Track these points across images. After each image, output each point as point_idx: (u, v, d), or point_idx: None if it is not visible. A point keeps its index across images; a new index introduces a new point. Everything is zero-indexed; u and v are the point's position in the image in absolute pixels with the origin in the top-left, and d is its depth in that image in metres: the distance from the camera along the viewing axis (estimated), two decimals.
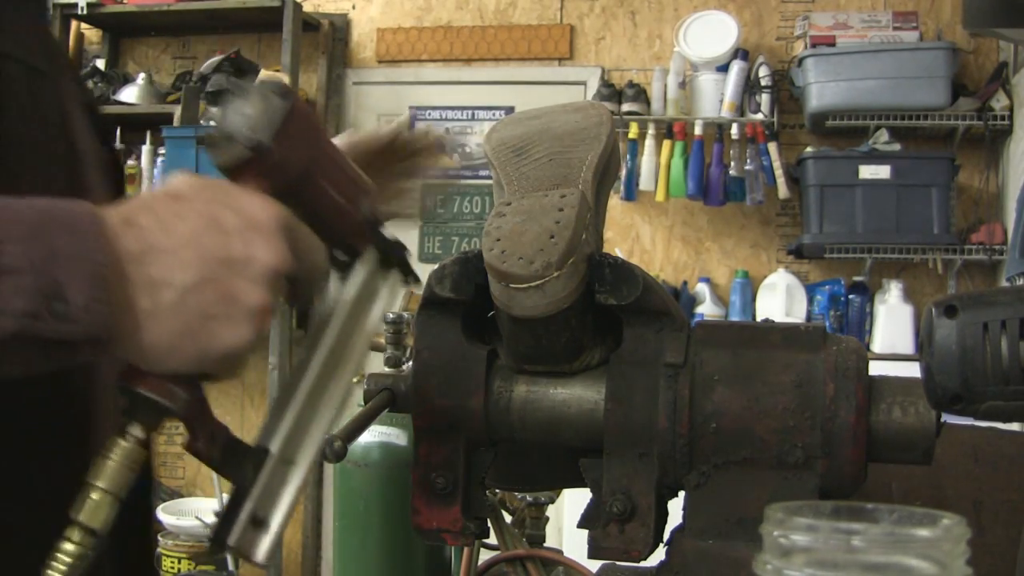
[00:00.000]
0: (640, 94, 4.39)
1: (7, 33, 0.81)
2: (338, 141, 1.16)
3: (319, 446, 0.82)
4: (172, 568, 3.98)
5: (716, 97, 4.34)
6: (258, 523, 0.77)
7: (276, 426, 0.80)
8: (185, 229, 0.70)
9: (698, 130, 4.30)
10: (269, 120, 0.76)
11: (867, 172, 4.10)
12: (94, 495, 0.70)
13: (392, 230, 0.91)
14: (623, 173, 4.33)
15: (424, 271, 0.93)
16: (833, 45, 4.24)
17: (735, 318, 4.28)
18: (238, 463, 0.78)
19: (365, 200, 0.86)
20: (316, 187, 0.81)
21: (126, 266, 0.68)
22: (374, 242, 0.88)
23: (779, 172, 4.25)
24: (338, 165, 0.84)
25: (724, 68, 4.35)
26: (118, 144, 4.33)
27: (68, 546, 0.69)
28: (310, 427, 0.82)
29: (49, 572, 0.67)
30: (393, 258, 0.90)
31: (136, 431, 0.72)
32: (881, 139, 4.15)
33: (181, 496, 4.77)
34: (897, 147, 4.15)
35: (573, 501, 2.73)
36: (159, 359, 0.71)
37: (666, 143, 4.32)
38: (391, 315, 2.35)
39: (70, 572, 0.68)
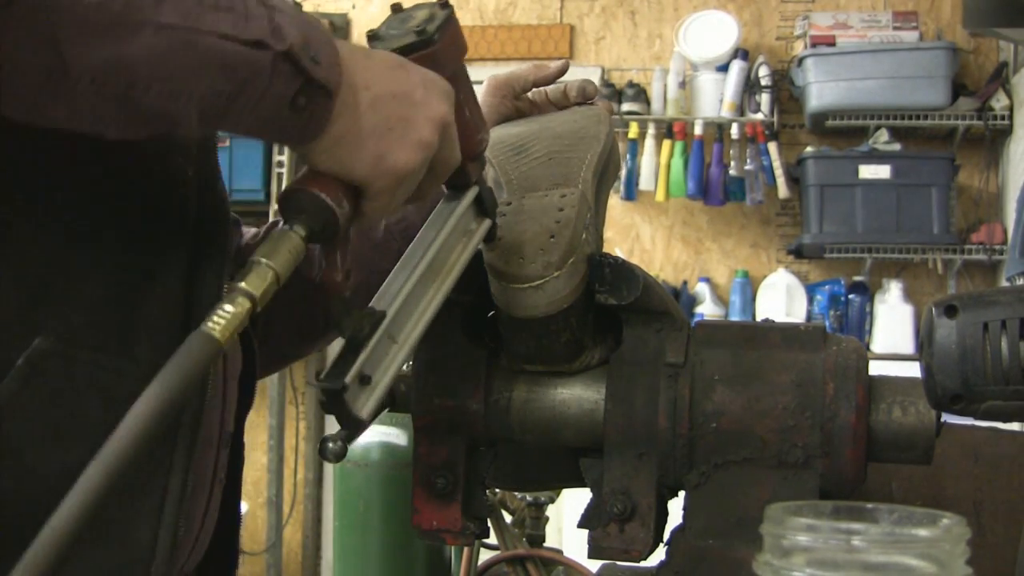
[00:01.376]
0: (640, 94, 4.39)
1: None
2: (483, 87, 1.20)
3: (419, 336, 0.85)
4: None
5: (716, 97, 4.34)
6: (365, 380, 0.79)
7: (392, 297, 0.83)
8: (380, 60, 0.81)
9: (698, 130, 4.30)
10: (434, 19, 0.85)
11: (867, 172, 4.10)
12: (259, 267, 0.73)
13: None
14: (623, 173, 4.33)
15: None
16: (833, 45, 4.24)
17: (735, 318, 4.28)
18: (356, 318, 0.80)
19: (484, 131, 0.91)
20: (458, 97, 0.86)
21: (343, 59, 0.77)
22: (480, 181, 0.92)
23: (779, 172, 4.25)
24: (472, 91, 0.90)
25: (724, 68, 4.35)
26: None
27: (228, 306, 0.71)
28: (413, 314, 0.85)
29: (208, 324, 0.70)
30: (489, 207, 0.93)
31: (300, 229, 0.76)
32: (881, 139, 4.15)
33: None
34: (897, 147, 4.15)
35: (573, 501, 2.73)
36: (346, 152, 0.78)
37: (666, 143, 4.32)
38: None
39: (226, 327, 0.70)
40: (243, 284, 0.72)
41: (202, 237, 0.90)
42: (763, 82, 4.32)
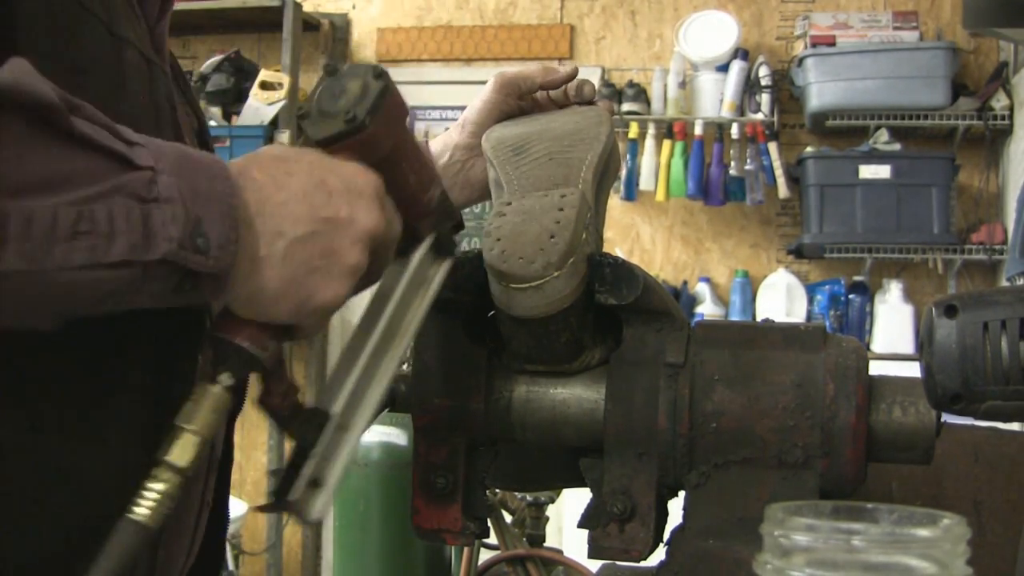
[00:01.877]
0: (640, 94, 4.39)
1: (127, 23, 0.84)
2: (490, 83, 1.19)
3: (372, 416, 0.84)
4: None
5: (716, 97, 4.34)
6: (315, 483, 0.80)
7: (336, 392, 0.82)
8: (295, 186, 0.75)
9: (698, 130, 4.30)
10: (366, 99, 0.80)
11: (867, 172, 4.10)
12: (183, 436, 0.73)
13: None
14: (623, 173, 4.33)
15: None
16: (833, 45, 4.24)
17: (735, 318, 4.28)
18: (301, 424, 0.80)
19: (434, 188, 0.89)
20: (397, 168, 0.84)
21: (249, 215, 0.72)
22: (436, 229, 0.90)
23: (779, 172, 4.25)
24: (416, 150, 0.87)
25: (724, 68, 4.35)
26: None
27: (155, 484, 0.70)
28: (365, 396, 0.84)
29: (135, 510, 0.69)
30: (447, 247, 0.92)
31: (226, 379, 0.75)
32: (881, 139, 4.15)
33: None
34: (897, 147, 4.15)
35: (573, 501, 2.72)
36: (263, 306, 0.74)
37: (666, 143, 4.32)
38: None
39: (156, 510, 0.70)
40: (168, 458, 0.72)
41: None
42: (763, 82, 4.31)
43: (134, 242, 0.66)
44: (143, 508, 0.70)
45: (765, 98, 4.31)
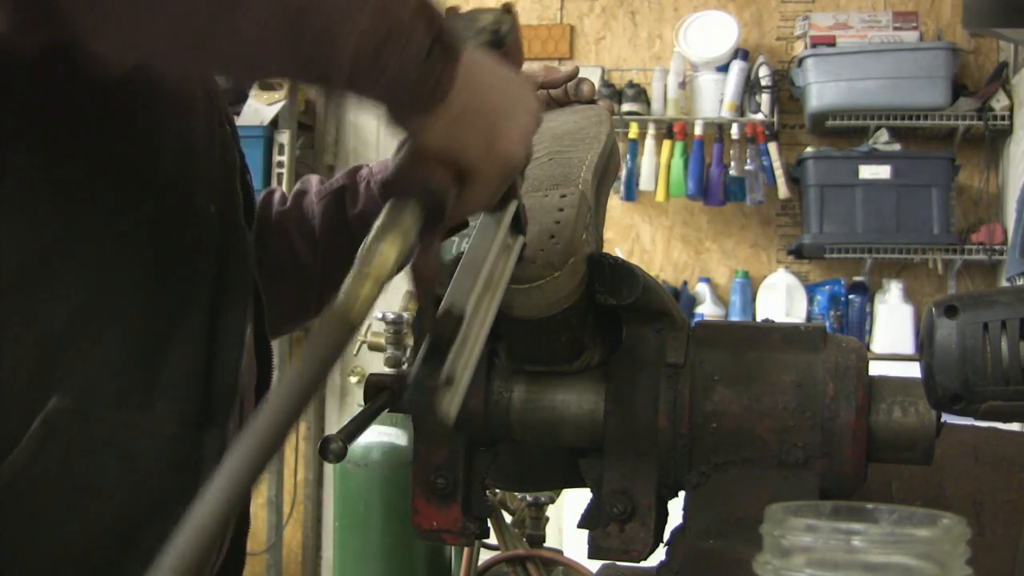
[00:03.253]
0: (640, 94, 4.39)
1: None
2: None
3: (483, 341, 0.84)
4: None
5: (716, 97, 4.34)
6: (449, 381, 0.79)
7: (466, 294, 0.82)
8: (490, 64, 0.81)
9: (698, 130, 4.30)
10: (504, 23, 0.85)
11: (867, 172, 4.10)
12: (379, 249, 0.71)
13: None
14: (623, 173, 4.32)
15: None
16: (833, 45, 4.24)
17: (735, 318, 4.28)
18: (438, 318, 0.79)
19: (530, 151, 0.89)
20: None
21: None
22: (518, 196, 0.90)
23: (779, 172, 4.25)
24: None
25: (724, 68, 4.35)
26: None
27: (353, 285, 0.69)
28: (476, 322, 0.83)
29: (335, 303, 0.68)
30: (523, 223, 0.91)
31: (414, 209, 0.74)
32: (881, 139, 4.15)
33: None
34: (897, 147, 4.15)
35: (573, 501, 2.73)
36: (460, 133, 0.76)
37: (666, 143, 4.32)
38: (391, 315, 2.35)
39: (362, 306, 0.69)
40: (364, 268, 0.71)
41: (223, 282, 0.88)
42: (763, 82, 4.31)
43: None
44: (344, 302, 0.68)
45: (765, 98, 4.31)
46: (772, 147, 4.28)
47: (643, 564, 0.98)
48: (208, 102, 0.92)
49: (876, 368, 0.96)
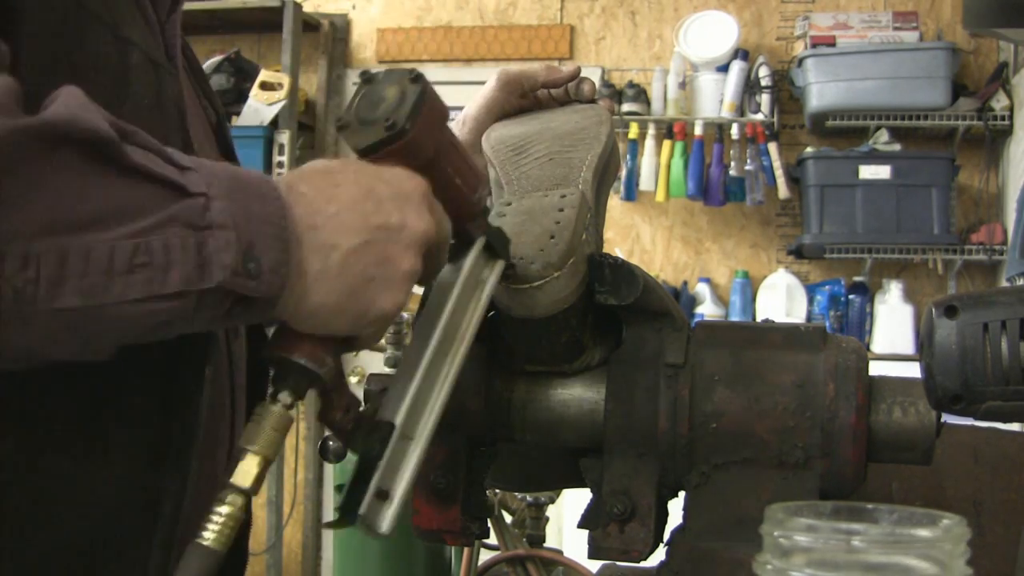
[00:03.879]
0: (640, 94, 4.39)
1: (132, 24, 0.84)
2: (492, 80, 1.18)
3: (435, 422, 0.82)
4: None
5: (716, 97, 4.34)
6: (382, 495, 0.78)
7: (398, 401, 0.81)
8: (344, 196, 0.74)
9: (698, 130, 4.30)
10: (404, 104, 0.79)
11: (867, 172, 4.10)
12: (246, 457, 0.72)
13: None
14: (623, 173, 4.33)
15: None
16: (833, 45, 4.24)
17: (735, 318, 4.28)
18: (365, 436, 0.79)
19: (481, 188, 0.88)
20: (442, 171, 0.82)
21: (300, 231, 0.72)
22: (485, 231, 0.89)
23: (779, 172, 4.25)
24: (460, 152, 0.86)
25: (724, 68, 4.35)
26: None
27: (221, 508, 0.70)
28: (427, 404, 0.83)
29: (203, 534, 0.69)
30: (499, 248, 0.90)
31: (286, 398, 0.75)
32: (881, 139, 4.15)
33: None
34: (897, 147, 4.15)
35: (573, 501, 2.73)
36: (322, 321, 0.74)
37: (666, 143, 4.32)
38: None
39: (222, 532, 0.69)
40: (233, 480, 0.72)
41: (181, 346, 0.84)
42: (763, 82, 4.31)
43: (189, 272, 0.66)
44: (211, 532, 0.69)
45: (765, 98, 4.31)
46: (772, 147, 4.28)
47: (643, 564, 0.98)
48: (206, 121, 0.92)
49: (876, 368, 0.96)
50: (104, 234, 0.63)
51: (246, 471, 0.72)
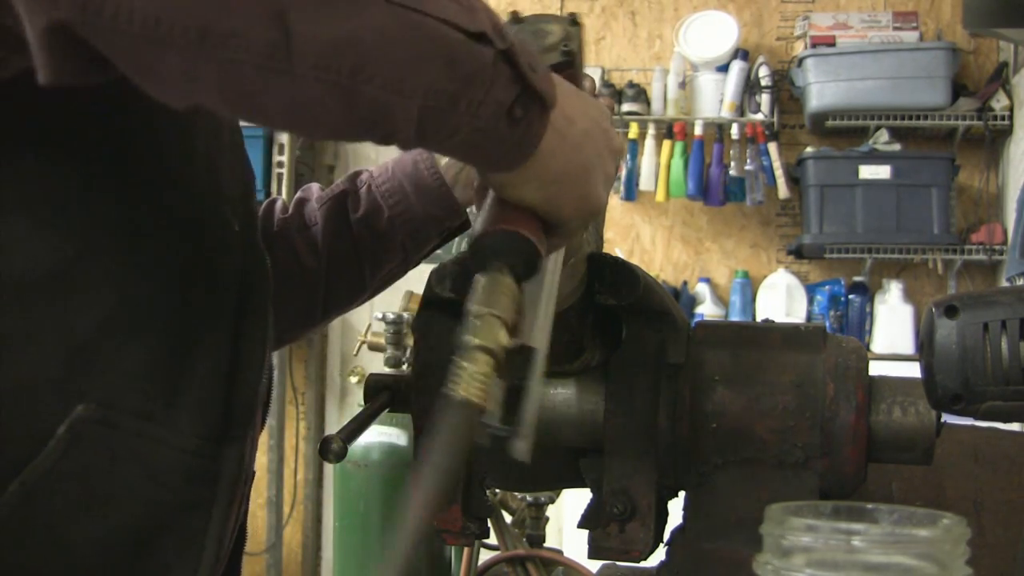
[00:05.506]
0: (640, 94, 4.39)
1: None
2: None
3: (544, 363, 0.79)
4: None
5: (716, 97, 4.34)
6: (523, 425, 0.76)
7: (534, 329, 0.78)
8: (570, 89, 0.77)
9: (698, 130, 4.30)
10: (573, 39, 0.81)
11: (867, 172, 4.10)
12: (486, 320, 0.68)
13: None
14: (623, 173, 4.32)
15: (424, 271, 0.93)
16: (833, 45, 4.24)
17: (735, 318, 4.28)
18: (512, 358, 0.74)
19: None
20: None
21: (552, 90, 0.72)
22: None
23: (779, 172, 4.25)
24: None
25: (724, 68, 4.35)
26: None
27: (471, 365, 0.66)
28: (544, 338, 0.80)
29: (459, 388, 0.65)
30: None
31: (507, 272, 0.71)
32: (881, 139, 4.15)
33: None
34: (897, 147, 4.15)
35: (573, 501, 2.73)
36: (555, 192, 0.74)
37: (666, 143, 4.32)
38: (391, 315, 2.35)
39: (483, 388, 0.66)
40: (479, 341, 0.67)
41: (246, 297, 0.87)
42: (763, 82, 4.31)
43: (488, 25, 0.67)
44: (463, 388, 0.65)
45: (765, 98, 4.31)
46: (772, 147, 4.28)
47: (643, 564, 0.98)
48: (231, 118, 0.92)
49: (876, 368, 0.96)
50: None
51: (490, 330, 0.68)
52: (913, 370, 0.91)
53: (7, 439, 0.74)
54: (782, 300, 4.29)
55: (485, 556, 1.46)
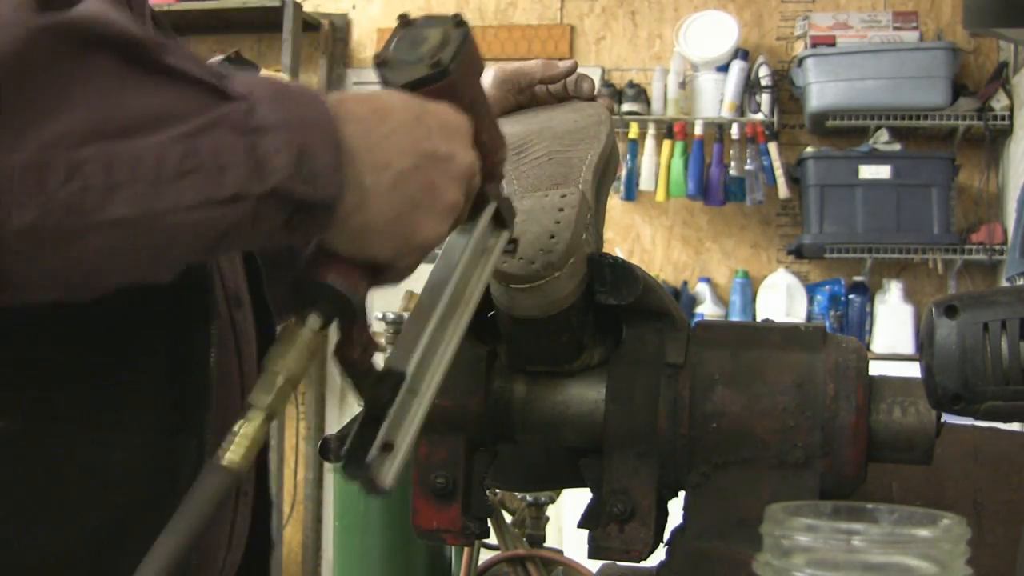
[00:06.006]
0: (640, 94, 4.39)
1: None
2: (488, 77, 1.15)
3: (439, 382, 0.80)
4: None
5: (716, 97, 4.34)
6: (387, 447, 0.75)
7: (408, 353, 0.78)
8: (395, 119, 0.72)
9: (698, 130, 4.30)
10: (449, 45, 0.77)
11: (867, 172, 4.10)
12: (273, 379, 0.69)
13: None
14: (623, 173, 4.32)
15: (424, 271, 0.93)
16: (833, 45, 4.24)
17: (735, 318, 4.28)
18: (375, 383, 0.75)
19: (502, 150, 0.85)
20: (474, 121, 0.80)
21: (352, 146, 0.69)
22: (497, 197, 0.86)
23: (779, 172, 4.25)
24: (489, 108, 0.84)
25: (724, 68, 4.35)
26: None
27: (241, 429, 0.67)
28: (432, 361, 0.80)
29: (226, 452, 0.66)
30: (507, 218, 0.88)
31: (314, 321, 0.71)
32: (881, 139, 4.15)
33: None
34: (897, 147, 4.15)
35: (573, 501, 2.73)
36: (367, 242, 0.71)
37: (666, 143, 4.32)
38: (391, 315, 2.35)
39: (243, 454, 0.66)
40: (254, 400, 0.69)
41: (187, 288, 0.82)
42: (763, 82, 4.31)
43: (244, 175, 0.63)
44: (230, 452, 0.66)
45: (765, 98, 4.31)
46: (772, 147, 4.28)
47: (643, 564, 0.98)
48: None
49: (876, 368, 0.96)
50: (148, 139, 0.60)
51: (268, 392, 0.69)
52: (913, 370, 0.91)
53: None
54: (782, 300, 4.29)
55: (485, 556, 1.46)
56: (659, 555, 0.97)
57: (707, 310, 4.35)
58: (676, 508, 0.98)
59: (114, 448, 0.79)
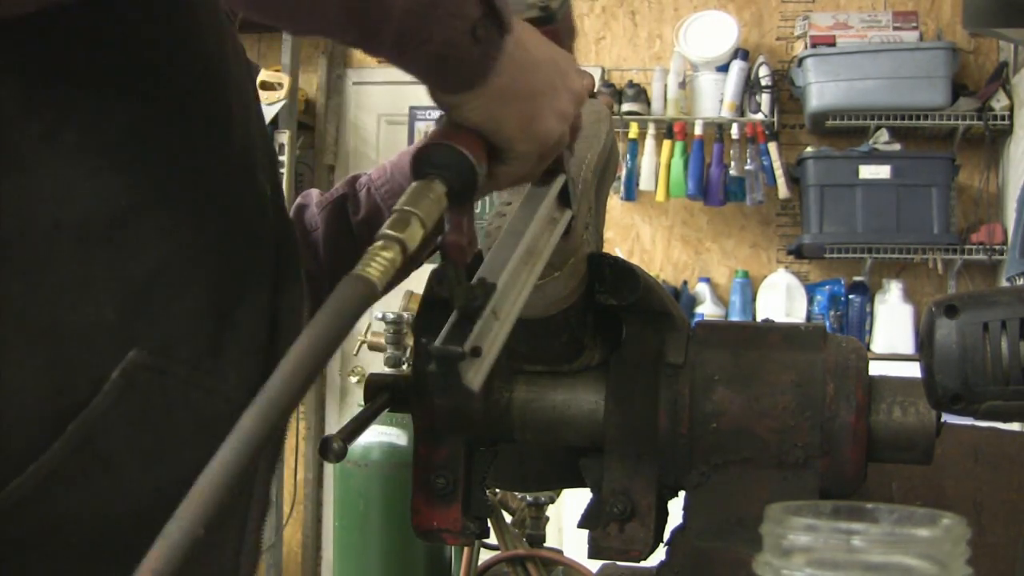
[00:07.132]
0: (640, 94, 4.39)
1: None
2: None
3: (515, 317, 0.79)
4: None
5: (716, 97, 4.34)
6: (475, 352, 0.74)
7: (499, 270, 0.78)
8: (537, 36, 0.79)
9: (698, 130, 4.30)
10: None
11: (867, 172, 4.10)
12: (407, 217, 0.68)
13: None
14: (623, 173, 4.33)
15: (425, 271, 0.93)
16: (833, 45, 4.24)
17: (735, 318, 4.28)
18: (468, 289, 0.75)
19: (578, 124, 0.87)
20: None
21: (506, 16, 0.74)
22: (566, 172, 0.88)
23: (779, 172, 4.25)
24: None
25: (724, 68, 4.35)
26: None
27: (381, 252, 0.66)
28: (510, 295, 0.79)
29: (366, 270, 0.65)
30: (571, 197, 0.89)
31: (439, 187, 0.71)
32: (881, 139, 4.15)
33: None
34: (897, 147, 4.15)
35: (573, 501, 2.73)
36: (498, 110, 0.75)
37: (666, 143, 4.32)
38: (391, 315, 2.35)
39: (383, 272, 0.65)
40: (392, 231, 0.67)
41: (281, 256, 0.88)
42: (763, 82, 4.32)
43: None
44: (368, 267, 0.65)
45: (765, 98, 4.31)
46: (772, 147, 4.28)
47: (643, 564, 0.98)
48: (253, 85, 0.93)
49: (876, 368, 0.96)
50: None
51: (404, 226, 0.67)
52: (913, 370, 0.91)
53: (65, 382, 0.74)
54: (782, 300, 4.29)
55: (485, 556, 1.46)
56: (659, 555, 0.97)
57: (707, 310, 4.36)
58: (676, 508, 0.98)
59: (222, 402, 0.81)
